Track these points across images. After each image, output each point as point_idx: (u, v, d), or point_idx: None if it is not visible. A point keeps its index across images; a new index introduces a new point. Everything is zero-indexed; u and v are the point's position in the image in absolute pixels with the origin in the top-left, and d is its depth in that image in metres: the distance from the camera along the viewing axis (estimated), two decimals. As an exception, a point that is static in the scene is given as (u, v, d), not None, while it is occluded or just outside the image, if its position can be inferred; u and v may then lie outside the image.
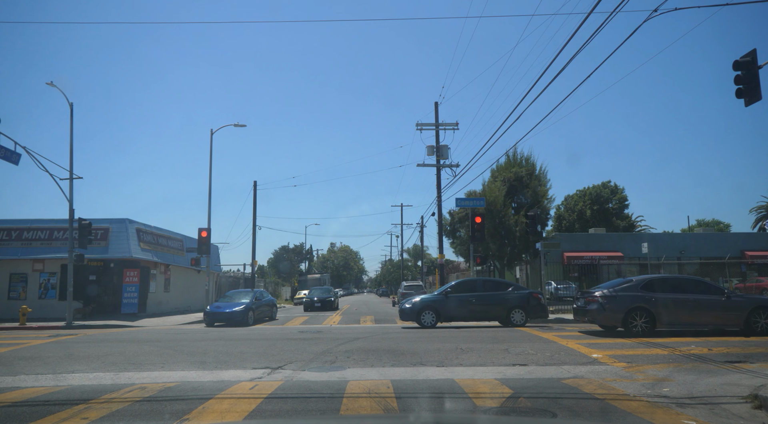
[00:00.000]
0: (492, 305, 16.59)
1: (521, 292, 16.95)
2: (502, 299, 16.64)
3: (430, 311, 16.52)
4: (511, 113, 24.29)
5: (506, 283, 17.76)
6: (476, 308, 16.58)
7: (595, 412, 5.77)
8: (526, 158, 30.80)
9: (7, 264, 25.95)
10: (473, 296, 16.70)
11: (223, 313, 19.98)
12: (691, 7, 11.39)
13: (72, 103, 21.62)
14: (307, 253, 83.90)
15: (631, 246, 39.93)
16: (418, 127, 32.55)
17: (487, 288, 17.17)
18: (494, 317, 16.71)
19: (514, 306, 16.43)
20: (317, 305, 30.58)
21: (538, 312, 16.83)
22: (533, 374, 7.92)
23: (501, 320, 16.60)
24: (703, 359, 9.02)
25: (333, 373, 8.18)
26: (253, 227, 37.72)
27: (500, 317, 16.57)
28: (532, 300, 16.68)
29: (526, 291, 17.10)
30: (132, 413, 5.88)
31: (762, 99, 10.29)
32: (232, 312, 19.83)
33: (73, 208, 21.32)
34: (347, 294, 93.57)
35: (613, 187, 56.39)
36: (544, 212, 28.83)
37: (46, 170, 20.38)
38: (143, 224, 28.18)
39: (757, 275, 36.63)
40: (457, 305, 16.62)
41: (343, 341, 12.41)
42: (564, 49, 13.65)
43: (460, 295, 16.80)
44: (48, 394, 6.94)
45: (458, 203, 23.97)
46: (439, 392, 6.81)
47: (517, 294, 16.75)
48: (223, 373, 8.38)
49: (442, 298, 16.81)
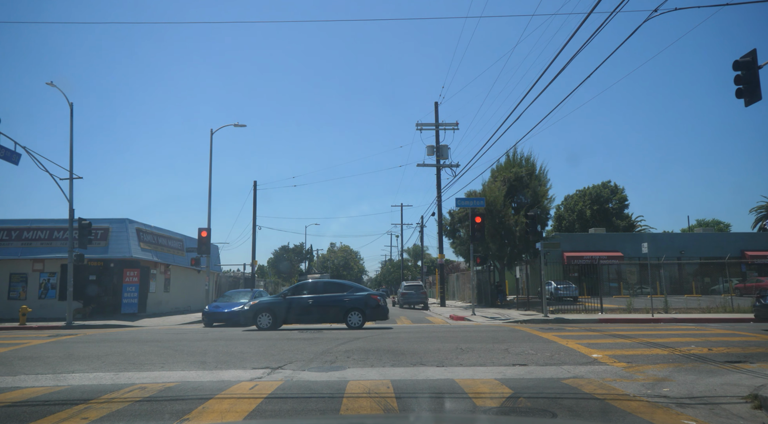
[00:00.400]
0: (329, 307, 16.76)
1: (359, 294, 17.08)
2: (339, 301, 16.79)
3: (267, 313, 16.68)
4: (511, 113, 24.34)
5: (346, 285, 17.94)
6: (314, 309, 16.74)
7: (595, 412, 5.77)
8: (526, 158, 30.82)
9: (7, 264, 25.96)
10: (311, 298, 16.88)
11: (222, 313, 19.98)
12: (691, 7, 11.40)
13: (72, 103, 21.63)
14: (307, 253, 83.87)
15: (631, 246, 39.99)
16: (418, 127, 32.63)
17: (326, 290, 17.32)
18: (332, 319, 16.86)
19: (352, 308, 16.65)
20: None
21: (376, 314, 16.95)
22: (533, 374, 7.92)
23: (339, 321, 16.80)
24: (703, 359, 9.02)
25: (333, 373, 8.18)
26: (253, 227, 37.74)
27: (338, 319, 16.73)
28: (371, 302, 16.85)
29: (364, 293, 17.21)
30: (132, 413, 5.88)
31: (762, 99, 10.30)
32: (231, 312, 19.78)
33: (73, 208, 21.33)
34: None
35: (613, 187, 56.41)
36: (544, 212, 28.84)
37: (46, 170, 20.40)
38: (143, 223, 28.19)
39: (757, 275, 36.63)
40: (295, 307, 16.78)
41: (343, 340, 12.41)
42: (564, 50, 13.67)
43: (299, 297, 17.00)
44: (48, 394, 6.94)
45: (458, 203, 23.96)
46: (439, 392, 6.81)
47: (355, 296, 16.92)
48: (223, 373, 8.38)
49: (281, 300, 16.99)
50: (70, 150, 21.60)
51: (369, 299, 16.85)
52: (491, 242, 27.46)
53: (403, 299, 33.23)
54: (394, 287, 69.02)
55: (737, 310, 20.24)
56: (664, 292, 23.04)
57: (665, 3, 10.91)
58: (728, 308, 20.48)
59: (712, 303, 22.89)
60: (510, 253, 28.76)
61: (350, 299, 16.78)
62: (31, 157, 19.69)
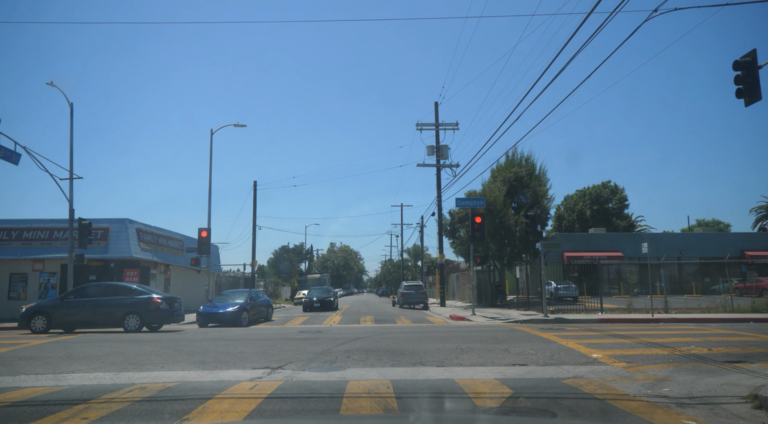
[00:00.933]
0: (107, 309, 16.83)
1: (139, 297, 17.14)
2: (118, 304, 16.83)
3: (41, 315, 16.69)
4: (511, 113, 24.31)
5: (127, 288, 17.92)
6: (91, 312, 16.79)
7: (595, 412, 5.76)
8: (526, 158, 30.78)
9: (7, 264, 25.96)
10: (90, 301, 16.92)
11: (217, 313, 19.71)
12: (691, 7, 11.40)
13: (72, 103, 21.63)
14: (307, 253, 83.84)
15: (631, 246, 39.97)
16: (418, 127, 32.61)
17: (106, 293, 17.38)
18: (111, 323, 16.90)
19: (130, 312, 16.74)
20: (316, 305, 30.12)
21: (155, 317, 17.10)
22: (533, 374, 7.91)
23: (118, 325, 16.82)
24: (703, 359, 9.02)
25: (333, 373, 8.18)
26: (253, 227, 37.74)
27: (116, 322, 16.78)
28: (151, 305, 16.90)
29: (145, 296, 17.23)
30: (132, 413, 5.88)
31: (762, 99, 10.30)
32: (225, 313, 19.52)
33: (73, 208, 21.34)
34: (347, 294, 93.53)
35: (613, 187, 56.39)
36: (544, 212, 28.81)
37: (46, 170, 20.40)
38: (143, 223, 28.19)
39: (757, 275, 36.66)
40: (73, 309, 16.81)
41: (343, 341, 12.40)
42: (564, 50, 13.66)
43: (78, 300, 17.03)
44: (48, 394, 6.94)
45: (458, 203, 23.94)
46: (439, 392, 6.81)
47: (135, 299, 17.01)
48: (223, 373, 8.37)
49: (59, 302, 16.97)
50: (70, 150, 21.60)
51: (150, 302, 16.96)
52: (491, 242, 27.45)
53: (403, 299, 33.19)
54: (394, 287, 69.04)
55: (737, 310, 20.24)
56: (664, 292, 23.03)
57: (665, 3, 10.91)
58: (728, 308, 20.47)
59: (712, 303, 22.88)
60: (510, 253, 28.74)
61: (130, 302, 16.92)
62: (31, 157, 19.70)
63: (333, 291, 34.68)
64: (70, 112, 21.60)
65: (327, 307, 30.38)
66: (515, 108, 18.99)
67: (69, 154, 21.57)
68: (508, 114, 28.40)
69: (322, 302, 30.30)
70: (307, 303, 30.54)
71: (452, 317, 22.20)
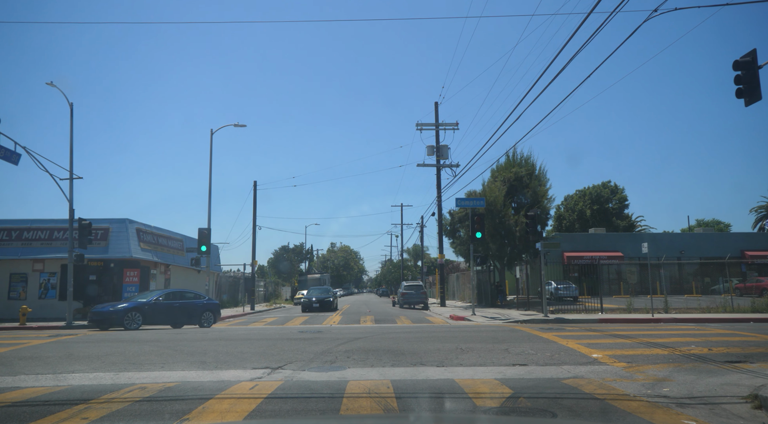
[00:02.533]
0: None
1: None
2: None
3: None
4: (511, 113, 24.33)
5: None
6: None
7: (595, 412, 5.76)
8: (525, 158, 30.79)
9: (7, 264, 25.95)
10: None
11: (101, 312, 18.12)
12: (691, 7, 11.40)
13: (72, 103, 21.62)
14: (307, 253, 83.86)
15: (631, 246, 39.98)
16: (418, 127, 32.61)
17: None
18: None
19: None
20: (315, 305, 29.72)
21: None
22: (533, 374, 7.91)
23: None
24: (703, 359, 9.02)
25: (333, 373, 8.18)
26: (253, 227, 37.72)
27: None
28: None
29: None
30: (132, 413, 5.88)
31: (762, 99, 10.30)
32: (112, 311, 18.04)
33: (73, 208, 21.32)
34: (347, 294, 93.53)
35: (613, 187, 56.38)
36: (544, 212, 28.81)
37: (46, 170, 20.39)
38: (143, 223, 28.18)
39: (757, 275, 36.64)
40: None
41: (343, 341, 12.40)
42: (564, 50, 13.66)
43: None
44: (48, 394, 6.94)
45: (458, 203, 23.94)
46: (439, 392, 6.80)
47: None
48: (223, 373, 8.37)
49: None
50: (70, 150, 21.59)
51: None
52: (491, 242, 27.45)
53: (403, 299, 33.18)
54: (394, 287, 69.01)
55: (737, 310, 20.24)
56: (665, 292, 23.04)
57: (665, 3, 10.91)
58: (728, 308, 20.48)
59: (712, 303, 22.89)
60: (510, 253, 28.74)
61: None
62: (31, 157, 19.69)
63: (332, 291, 34.33)
64: (70, 112, 21.59)
65: (326, 307, 30.08)
66: (515, 108, 19.02)
67: (69, 154, 21.57)
68: (508, 114, 28.40)
69: (321, 302, 29.95)
70: (305, 303, 30.18)
71: (452, 317, 22.20)
